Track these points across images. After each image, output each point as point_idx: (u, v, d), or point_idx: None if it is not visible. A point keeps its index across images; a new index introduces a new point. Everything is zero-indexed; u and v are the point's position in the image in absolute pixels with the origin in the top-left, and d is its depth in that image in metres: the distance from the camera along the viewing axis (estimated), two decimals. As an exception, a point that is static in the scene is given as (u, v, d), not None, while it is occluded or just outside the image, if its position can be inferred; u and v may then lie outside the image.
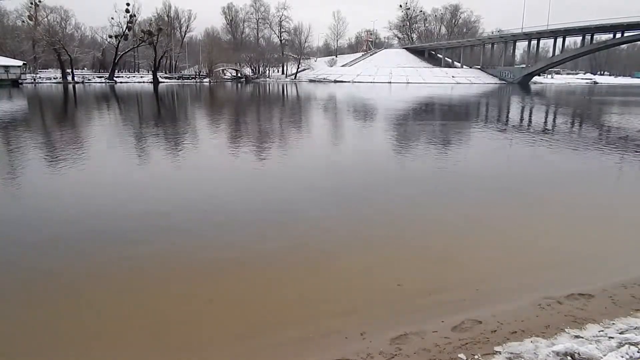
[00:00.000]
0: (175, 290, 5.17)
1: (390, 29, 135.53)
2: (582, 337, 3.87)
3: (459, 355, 3.67)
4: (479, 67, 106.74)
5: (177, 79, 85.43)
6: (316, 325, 4.36)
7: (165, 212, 7.87)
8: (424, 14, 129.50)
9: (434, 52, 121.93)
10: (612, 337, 3.81)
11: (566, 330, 4.03)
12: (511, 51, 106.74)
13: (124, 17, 79.31)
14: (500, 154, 15.19)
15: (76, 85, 65.02)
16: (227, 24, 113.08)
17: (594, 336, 3.88)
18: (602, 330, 3.99)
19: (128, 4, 78.82)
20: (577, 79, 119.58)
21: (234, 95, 52.14)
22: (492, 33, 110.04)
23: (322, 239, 6.76)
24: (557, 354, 3.56)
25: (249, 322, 4.48)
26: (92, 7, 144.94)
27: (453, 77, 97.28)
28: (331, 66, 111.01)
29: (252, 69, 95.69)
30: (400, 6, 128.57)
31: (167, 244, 6.49)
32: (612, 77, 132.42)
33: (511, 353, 3.65)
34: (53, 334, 4.30)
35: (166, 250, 6.27)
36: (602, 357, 3.46)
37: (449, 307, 4.59)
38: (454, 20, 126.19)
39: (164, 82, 78.36)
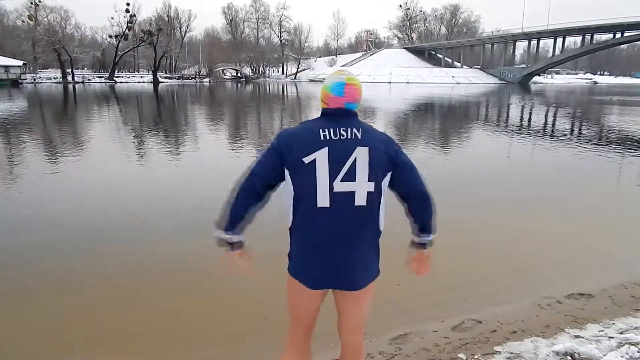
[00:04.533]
0: (175, 289, 5.17)
1: (390, 29, 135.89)
2: (582, 337, 3.87)
3: (459, 355, 3.67)
4: (479, 67, 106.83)
5: (177, 79, 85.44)
6: (316, 324, 4.34)
7: (166, 214, 7.88)
8: (424, 14, 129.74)
9: (434, 52, 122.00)
10: (612, 337, 3.81)
11: (566, 330, 4.03)
12: (511, 51, 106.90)
13: (124, 17, 79.57)
14: (502, 154, 15.18)
15: (76, 85, 65.01)
16: (227, 24, 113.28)
17: (594, 336, 3.88)
18: (602, 330, 3.99)
19: (128, 4, 79.04)
20: (577, 79, 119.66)
21: (234, 95, 52.11)
22: (492, 33, 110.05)
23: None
24: (557, 353, 3.56)
25: (248, 321, 4.48)
26: (92, 7, 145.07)
27: (453, 77, 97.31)
28: (331, 66, 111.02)
29: (252, 69, 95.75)
30: (400, 6, 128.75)
31: (167, 243, 6.49)
32: (612, 77, 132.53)
33: (511, 353, 3.65)
34: (50, 336, 4.30)
35: (166, 249, 6.27)
36: (602, 357, 3.46)
37: (449, 307, 4.58)
38: (454, 20, 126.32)
39: (164, 82, 78.36)
